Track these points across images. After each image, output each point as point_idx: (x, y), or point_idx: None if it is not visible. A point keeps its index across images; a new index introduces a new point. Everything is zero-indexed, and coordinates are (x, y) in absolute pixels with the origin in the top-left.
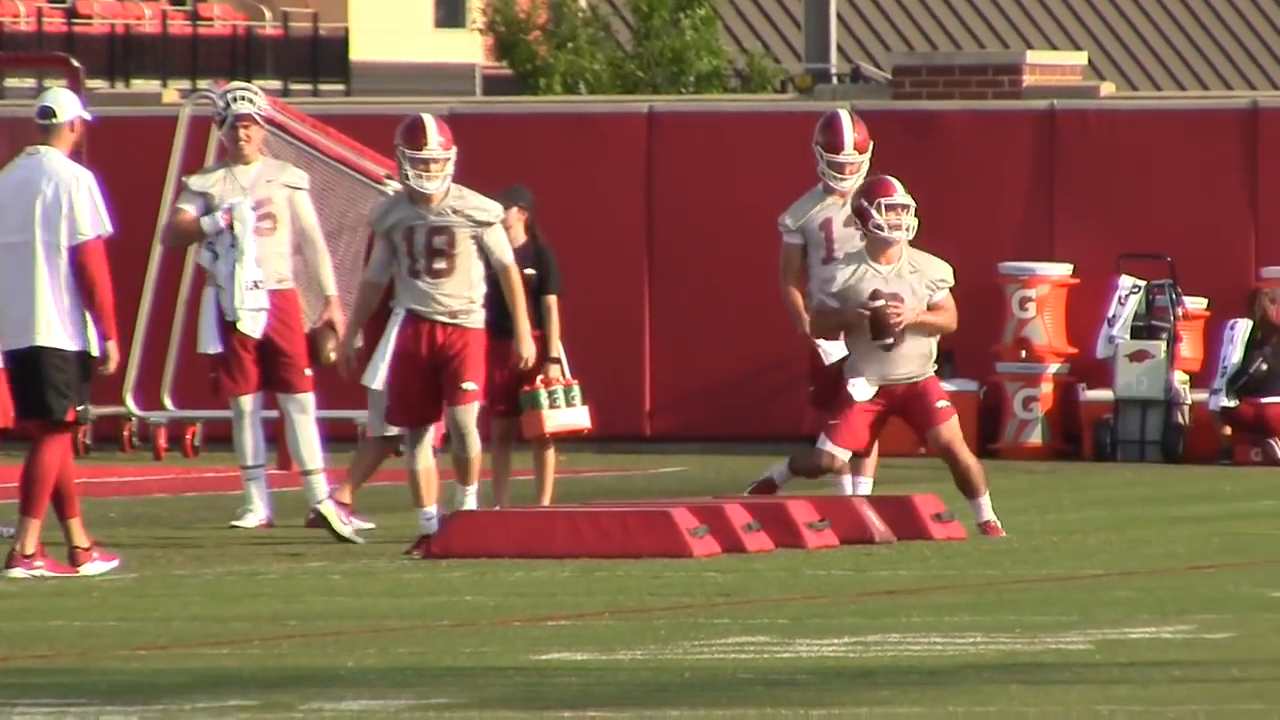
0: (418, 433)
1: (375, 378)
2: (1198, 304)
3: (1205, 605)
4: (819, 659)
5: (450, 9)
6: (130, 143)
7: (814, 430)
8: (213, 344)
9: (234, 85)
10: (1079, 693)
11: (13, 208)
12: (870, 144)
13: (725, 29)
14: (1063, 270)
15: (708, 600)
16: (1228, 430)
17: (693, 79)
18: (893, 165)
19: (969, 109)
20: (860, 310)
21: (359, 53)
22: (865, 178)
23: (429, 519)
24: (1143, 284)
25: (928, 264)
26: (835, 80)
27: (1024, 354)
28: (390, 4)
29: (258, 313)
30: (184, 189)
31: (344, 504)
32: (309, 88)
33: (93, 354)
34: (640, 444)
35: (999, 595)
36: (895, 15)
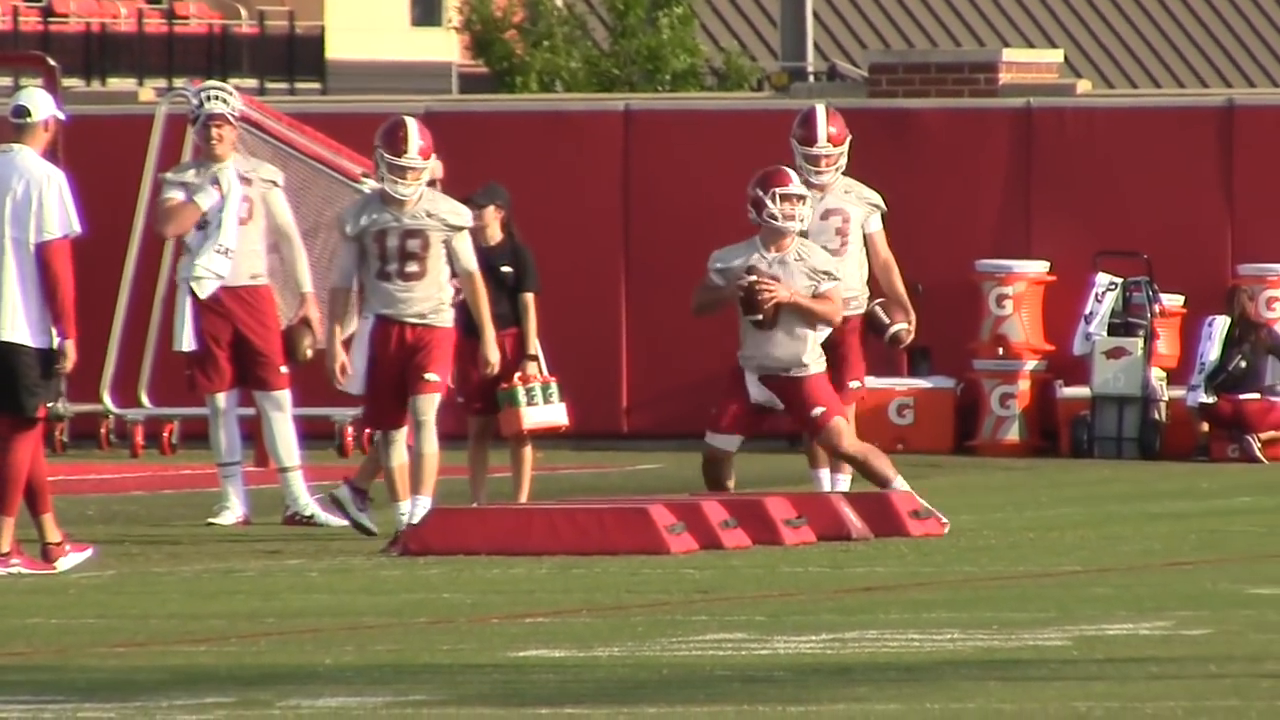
0: (392, 434)
1: (356, 384)
2: (1174, 301)
3: (1182, 602)
4: (796, 656)
5: (426, 8)
6: (106, 141)
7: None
8: (188, 342)
9: (208, 84)
10: (1056, 689)
11: None
12: (847, 138)
13: (702, 27)
14: (1039, 267)
15: (685, 597)
16: (1205, 427)
17: (669, 77)
18: (869, 163)
19: (945, 107)
20: (736, 286)
21: (335, 51)
22: (766, 170)
23: (403, 514)
24: (1119, 281)
25: (814, 255)
26: (811, 78)
27: (1001, 351)
28: (366, 3)
29: (214, 279)
30: (165, 182)
31: (360, 490)
32: (285, 86)
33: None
34: (617, 441)
35: (976, 592)
36: (871, 13)
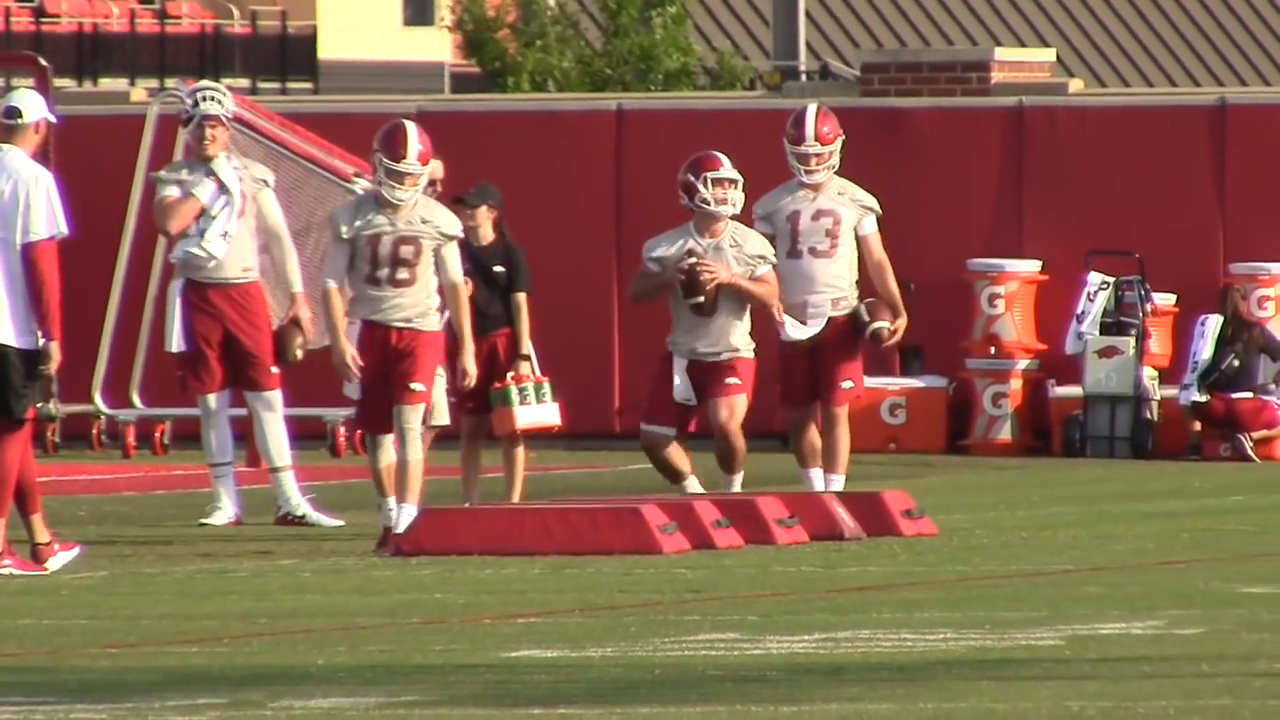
0: (381, 436)
1: (353, 387)
2: (1166, 300)
3: (1175, 601)
4: (789, 656)
5: (419, 7)
6: (98, 141)
7: (784, 428)
8: (179, 343)
9: (202, 84)
10: (1049, 689)
11: None
12: (838, 137)
13: (694, 27)
14: (1031, 267)
15: (678, 597)
16: (1197, 426)
17: (661, 76)
18: (861, 162)
19: (937, 106)
20: (676, 270)
21: (327, 51)
22: (698, 155)
23: (391, 510)
24: (1111, 280)
25: (749, 239)
26: (804, 77)
27: (993, 350)
28: (359, 2)
29: (210, 260)
30: (159, 180)
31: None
32: (277, 86)
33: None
34: (610, 441)
35: (969, 591)
36: (864, 12)
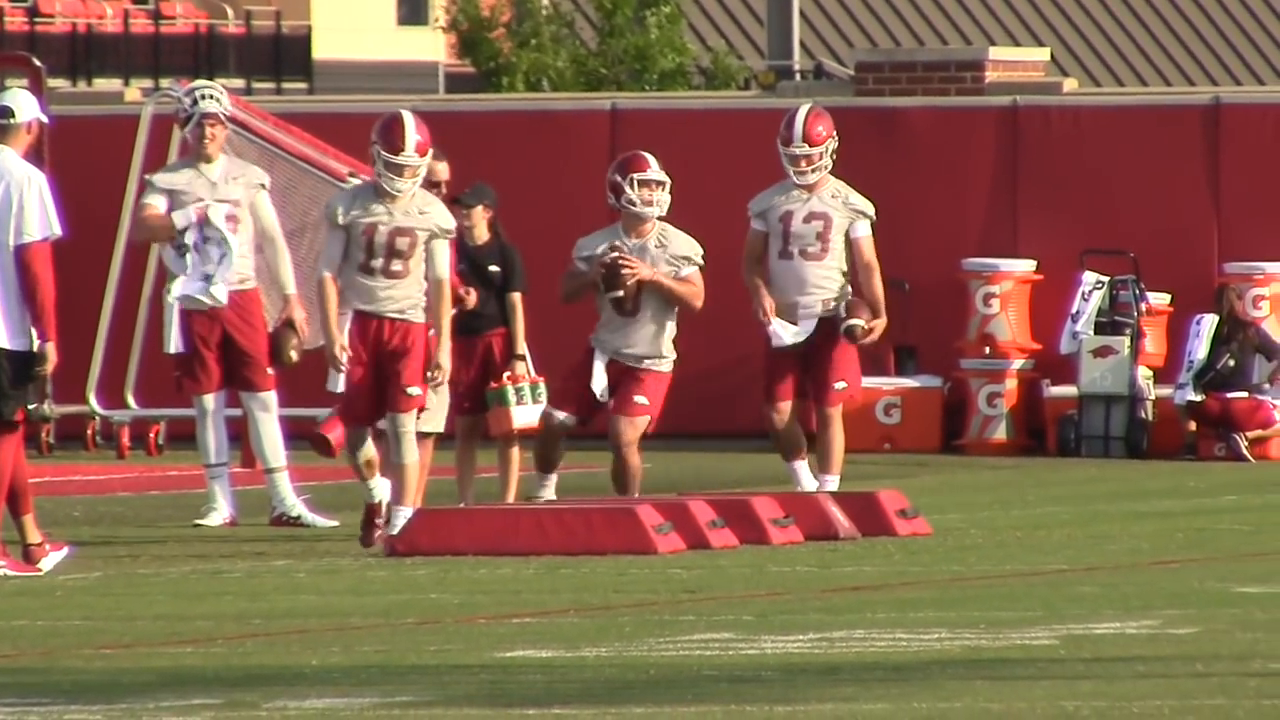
0: (362, 431)
1: (337, 382)
2: (1161, 299)
3: (1169, 601)
4: (784, 655)
5: (413, 7)
6: (92, 142)
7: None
8: (177, 344)
9: (199, 83)
10: (1044, 688)
11: None
12: (829, 138)
13: (689, 26)
14: (1026, 266)
15: (672, 597)
16: (1192, 425)
17: (656, 76)
18: (855, 162)
19: (932, 105)
20: (598, 265)
21: (322, 51)
22: (625, 155)
23: (373, 489)
24: (1106, 280)
25: (676, 240)
26: (798, 77)
27: (988, 350)
28: (353, 2)
29: (219, 296)
30: (149, 186)
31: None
32: (272, 86)
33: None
34: (604, 441)
35: (963, 591)
36: (858, 12)
